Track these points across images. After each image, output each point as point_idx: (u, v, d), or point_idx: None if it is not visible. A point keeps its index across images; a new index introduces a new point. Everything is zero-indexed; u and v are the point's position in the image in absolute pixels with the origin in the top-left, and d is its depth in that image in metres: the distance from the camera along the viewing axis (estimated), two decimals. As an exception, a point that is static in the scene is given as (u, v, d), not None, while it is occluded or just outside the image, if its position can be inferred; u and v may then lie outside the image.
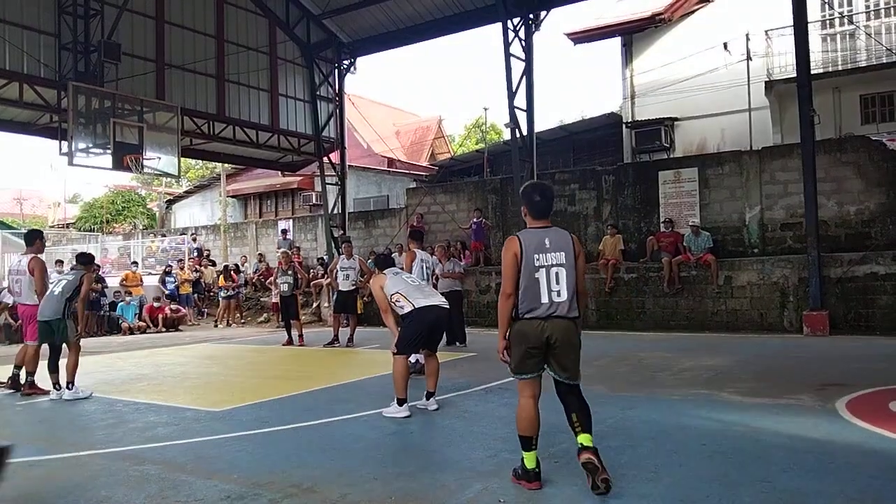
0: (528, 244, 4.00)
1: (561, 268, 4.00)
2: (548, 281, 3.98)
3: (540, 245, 4.02)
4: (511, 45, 15.11)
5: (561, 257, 4.02)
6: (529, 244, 4.01)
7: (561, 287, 3.99)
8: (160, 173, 15.57)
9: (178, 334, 16.73)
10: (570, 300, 4.01)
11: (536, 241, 4.03)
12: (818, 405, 5.93)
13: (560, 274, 4.00)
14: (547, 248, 4.02)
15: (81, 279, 7.66)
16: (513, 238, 4.06)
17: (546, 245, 4.02)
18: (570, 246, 4.08)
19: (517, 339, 4.03)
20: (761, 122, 16.32)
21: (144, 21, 14.95)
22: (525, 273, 3.98)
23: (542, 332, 3.96)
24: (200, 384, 8.53)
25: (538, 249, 4.00)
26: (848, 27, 16.01)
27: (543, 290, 3.98)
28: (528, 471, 4.01)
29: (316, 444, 5.20)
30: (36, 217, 45.32)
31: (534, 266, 3.98)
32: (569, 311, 4.01)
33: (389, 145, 26.95)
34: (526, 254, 3.98)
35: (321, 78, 18.91)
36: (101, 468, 4.71)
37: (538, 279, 3.98)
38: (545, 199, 4.16)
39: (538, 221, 4.14)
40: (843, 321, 11.87)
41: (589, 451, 3.91)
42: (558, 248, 4.04)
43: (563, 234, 4.14)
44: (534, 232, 4.10)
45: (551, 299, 3.97)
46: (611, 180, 15.64)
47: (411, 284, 6.39)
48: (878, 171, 12.92)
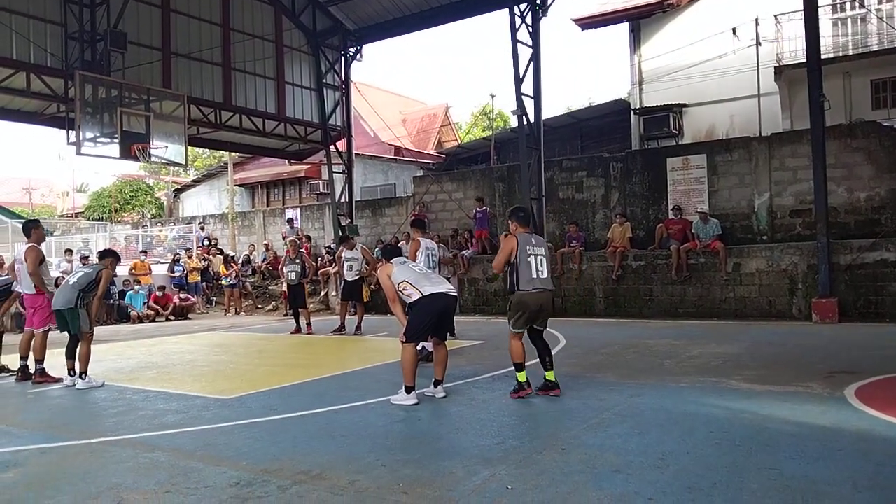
0: (522, 241, 6.12)
1: (543, 257, 6.20)
2: (535, 264, 6.09)
3: (528, 242, 6.17)
4: (518, 31, 15.00)
5: (542, 251, 6.25)
6: (523, 241, 6.12)
7: (543, 269, 6.15)
8: (167, 162, 15.57)
9: (186, 322, 16.82)
10: (549, 278, 6.22)
11: (526, 239, 6.18)
12: (827, 392, 5.91)
13: (543, 261, 6.18)
14: (533, 244, 6.19)
15: (99, 274, 7.70)
16: (511, 237, 6.17)
17: (532, 242, 6.21)
18: (545, 244, 6.50)
19: (519, 305, 6.09)
20: (771, 107, 16.20)
21: (150, 10, 14.92)
22: (521, 258, 6.05)
23: (537, 301, 6.10)
24: (209, 372, 8.58)
25: (528, 244, 6.14)
26: (859, 11, 15.82)
27: (534, 270, 6.07)
28: (521, 384, 6.12)
29: (324, 431, 5.22)
30: (45, 206, 45.57)
31: (527, 253, 6.07)
32: (550, 285, 6.24)
33: (396, 133, 26.92)
34: (521, 246, 6.08)
35: (327, 66, 18.85)
36: (111, 455, 4.76)
37: (530, 263, 6.07)
38: (527, 214, 6.58)
39: (524, 228, 6.28)
40: (852, 308, 11.81)
41: (555, 386, 6.19)
42: (540, 244, 6.31)
43: (540, 237, 6.54)
44: (524, 235, 6.21)
45: (538, 276, 6.09)
46: (619, 167, 15.56)
47: (419, 273, 6.40)
48: (889, 156, 12.80)
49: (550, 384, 6.18)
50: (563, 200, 16.28)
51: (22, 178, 47.24)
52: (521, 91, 15.03)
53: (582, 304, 14.60)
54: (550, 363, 6.23)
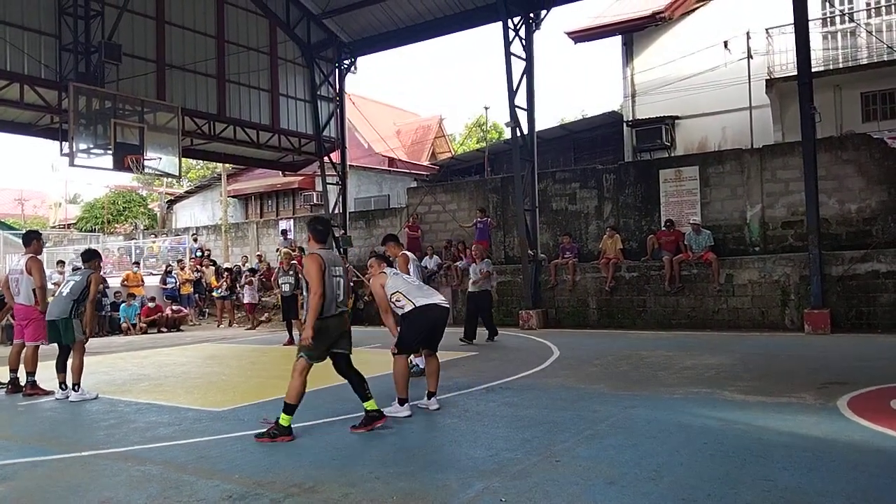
0: (327, 261, 5.43)
1: (340, 278, 5.58)
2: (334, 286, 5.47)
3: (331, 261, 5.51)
4: (511, 44, 15.09)
5: (340, 270, 5.62)
6: (328, 261, 5.44)
7: (340, 291, 5.56)
8: (161, 174, 15.56)
9: (179, 334, 16.74)
10: (345, 299, 5.65)
11: (330, 259, 5.52)
12: (819, 403, 5.92)
13: (340, 282, 5.56)
14: (333, 262, 5.56)
15: (89, 279, 7.65)
16: (315, 256, 5.42)
17: (332, 260, 5.57)
18: (342, 263, 5.88)
19: (322, 333, 5.38)
20: (762, 120, 16.30)
21: (145, 21, 14.96)
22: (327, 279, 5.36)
23: (339, 326, 5.58)
24: (202, 384, 8.54)
25: (331, 263, 5.50)
26: (849, 25, 15.99)
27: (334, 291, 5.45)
28: (284, 428, 5.31)
29: (317, 443, 5.20)
30: (37, 218, 45.37)
31: (331, 274, 5.43)
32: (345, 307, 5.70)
33: (390, 145, 26.96)
34: (327, 266, 5.40)
35: (321, 78, 18.91)
36: (102, 468, 4.72)
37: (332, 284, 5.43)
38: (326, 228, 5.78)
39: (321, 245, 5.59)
40: (844, 319, 11.86)
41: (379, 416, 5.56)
42: (337, 263, 5.65)
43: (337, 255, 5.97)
44: (326, 253, 5.54)
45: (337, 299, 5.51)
46: (612, 179, 15.64)
47: (412, 284, 6.38)
48: (880, 168, 12.90)
49: (374, 415, 5.51)
50: (556, 212, 16.33)
51: (14, 190, 47.04)
52: (515, 103, 15.09)
53: (575, 315, 14.61)
54: (368, 392, 5.60)
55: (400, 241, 8.97)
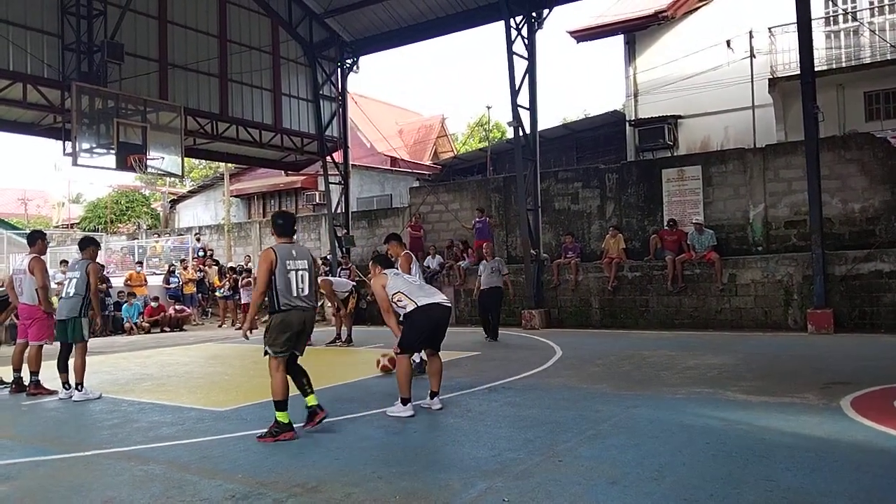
0: (282, 254, 5.45)
1: (305, 272, 5.57)
2: (296, 280, 5.49)
3: (289, 255, 5.50)
4: (514, 43, 15.08)
5: (304, 264, 5.59)
6: (283, 254, 5.46)
7: (305, 285, 5.56)
8: (164, 173, 15.59)
9: (182, 334, 16.77)
10: (311, 294, 5.65)
11: (286, 252, 5.51)
12: (822, 403, 5.91)
13: (305, 276, 5.55)
14: (294, 256, 5.54)
15: (87, 271, 7.64)
16: (269, 250, 5.50)
17: (293, 254, 5.55)
18: (309, 256, 5.69)
19: (282, 326, 5.44)
20: (765, 119, 16.28)
21: (147, 21, 14.97)
22: (280, 273, 5.41)
23: (301, 320, 5.54)
24: (205, 384, 8.55)
25: (289, 257, 5.49)
26: (852, 24, 15.95)
27: (294, 286, 5.47)
28: (282, 425, 5.32)
29: (320, 443, 5.20)
30: (40, 217, 45.46)
31: (287, 268, 5.44)
32: (313, 301, 5.71)
33: (392, 144, 26.98)
34: (280, 260, 5.42)
35: (324, 77, 18.92)
36: (105, 468, 4.73)
37: (290, 279, 5.46)
38: (287, 222, 5.80)
39: (284, 238, 5.67)
40: (847, 319, 11.84)
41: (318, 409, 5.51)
42: (302, 256, 5.60)
43: (304, 248, 5.79)
44: (283, 247, 5.56)
45: (300, 293, 5.51)
46: (614, 178, 15.62)
47: (413, 284, 6.38)
48: (883, 168, 12.88)
49: (312, 410, 5.52)
50: (558, 211, 16.32)
51: (17, 189, 47.13)
52: (517, 102, 15.09)
53: (578, 314, 14.60)
54: (310, 386, 5.63)
55: (402, 241, 8.95)
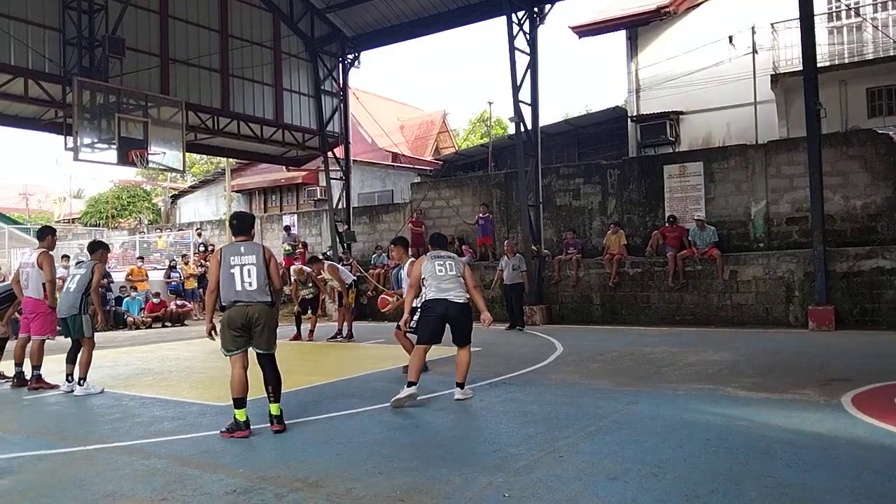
0: (226, 253, 5.47)
1: (252, 266, 5.43)
2: (241, 275, 5.38)
3: (235, 251, 5.46)
4: (515, 38, 15.05)
5: (252, 259, 5.46)
6: (227, 253, 5.47)
7: (252, 279, 5.41)
8: (165, 168, 15.59)
9: (183, 329, 16.79)
10: (260, 289, 5.42)
11: (232, 250, 5.49)
12: (823, 400, 5.92)
13: (251, 270, 5.41)
14: (242, 252, 5.45)
15: (93, 270, 7.67)
16: (217, 251, 5.60)
17: (241, 251, 5.47)
18: (261, 250, 5.57)
19: (224, 322, 5.39)
20: (767, 115, 16.25)
21: (148, 16, 14.95)
22: (224, 271, 5.38)
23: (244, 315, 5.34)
24: (206, 378, 8.56)
25: (234, 254, 5.44)
26: (855, 19, 15.90)
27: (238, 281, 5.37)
28: (239, 423, 5.27)
29: (321, 438, 5.21)
30: (42, 212, 45.44)
31: (230, 265, 5.39)
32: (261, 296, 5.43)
33: (394, 140, 26.93)
34: (224, 259, 5.42)
35: (325, 72, 18.89)
36: (107, 462, 4.74)
37: (233, 274, 5.38)
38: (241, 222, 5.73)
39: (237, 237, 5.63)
40: (848, 316, 11.83)
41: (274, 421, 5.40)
42: (251, 251, 5.49)
43: (255, 244, 5.61)
44: (231, 245, 5.57)
45: (244, 287, 5.36)
46: (616, 174, 15.61)
47: (438, 275, 6.56)
48: (885, 164, 12.85)
49: (271, 419, 5.40)
50: (560, 207, 16.31)
51: (18, 184, 47.12)
52: (519, 98, 15.07)
53: (579, 311, 14.60)
54: (274, 395, 5.41)
55: (408, 248, 8.75)
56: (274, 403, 5.40)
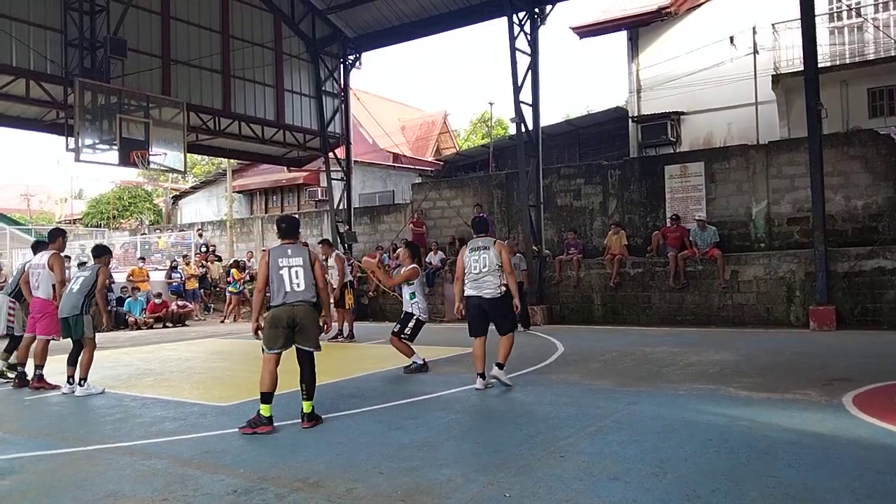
0: (274, 255, 5.64)
1: (300, 268, 5.64)
2: (290, 276, 5.57)
3: (283, 254, 5.65)
4: (516, 39, 15.05)
5: (300, 261, 5.67)
6: (275, 255, 5.64)
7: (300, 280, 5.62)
8: (166, 169, 15.59)
9: (184, 329, 16.79)
10: (307, 290, 5.64)
11: (280, 252, 5.66)
12: (825, 400, 5.91)
13: (299, 272, 5.62)
14: (289, 255, 5.66)
15: (97, 272, 7.70)
16: (265, 253, 5.76)
17: (288, 253, 5.67)
18: (307, 253, 5.78)
19: (270, 321, 5.57)
20: (768, 116, 16.25)
21: (150, 17, 14.97)
22: (273, 273, 5.59)
23: (290, 315, 5.51)
24: (207, 379, 8.56)
25: (282, 256, 5.64)
26: (856, 20, 15.89)
27: (287, 282, 5.55)
28: (263, 418, 5.39)
29: (322, 438, 5.21)
30: (43, 213, 45.47)
31: (279, 266, 5.59)
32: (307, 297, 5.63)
33: (395, 140, 26.95)
34: (273, 260, 5.63)
35: (326, 73, 18.90)
36: (108, 463, 4.74)
37: (282, 276, 5.58)
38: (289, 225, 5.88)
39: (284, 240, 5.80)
40: (850, 316, 11.82)
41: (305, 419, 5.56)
42: (298, 254, 5.68)
43: (301, 247, 5.82)
44: (278, 248, 5.75)
45: (293, 288, 5.57)
46: (617, 175, 15.61)
47: (472, 272, 6.87)
48: (886, 165, 12.84)
49: (302, 416, 5.57)
50: (561, 208, 16.31)
51: (20, 185, 47.16)
52: (520, 99, 15.08)
53: (580, 311, 14.60)
54: (307, 393, 5.59)
55: (415, 253, 8.76)
56: (307, 401, 5.55)
